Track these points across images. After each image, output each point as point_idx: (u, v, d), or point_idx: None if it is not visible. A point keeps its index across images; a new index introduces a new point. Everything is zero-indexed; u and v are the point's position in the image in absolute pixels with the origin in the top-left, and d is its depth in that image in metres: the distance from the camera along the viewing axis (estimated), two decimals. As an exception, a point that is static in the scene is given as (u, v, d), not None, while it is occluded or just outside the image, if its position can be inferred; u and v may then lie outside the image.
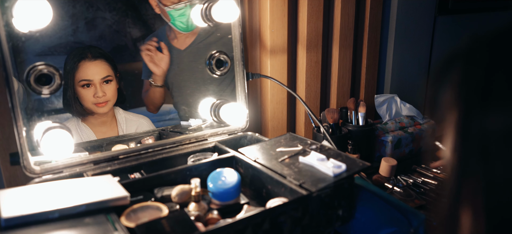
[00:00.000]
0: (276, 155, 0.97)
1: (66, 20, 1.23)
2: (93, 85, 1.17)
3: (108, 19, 1.30)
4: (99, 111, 1.20)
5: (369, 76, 1.75)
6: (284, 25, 1.44)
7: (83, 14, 1.25)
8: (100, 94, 1.17)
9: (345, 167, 0.86)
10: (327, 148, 0.98)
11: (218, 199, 0.89)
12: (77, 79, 1.16)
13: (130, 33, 1.34)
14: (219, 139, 1.17)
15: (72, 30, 1.24)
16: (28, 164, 0.90)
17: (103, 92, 1.18)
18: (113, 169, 0.98)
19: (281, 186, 0.86)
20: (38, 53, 1.20)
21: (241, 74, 1.23)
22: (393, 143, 1.50)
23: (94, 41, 1.26)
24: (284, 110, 1.54)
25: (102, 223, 0.71)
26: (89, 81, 1.17)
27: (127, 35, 1.34)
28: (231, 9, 1.17)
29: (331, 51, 1.63)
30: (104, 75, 1.19)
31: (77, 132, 1.21)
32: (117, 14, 1.30)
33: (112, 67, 1.22)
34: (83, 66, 1.17)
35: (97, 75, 1.18)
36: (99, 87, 1.18)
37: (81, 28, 1.25)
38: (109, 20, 1.30)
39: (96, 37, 1.28)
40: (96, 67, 1.19)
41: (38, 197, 0.75)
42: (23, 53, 1.19)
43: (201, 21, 1.22)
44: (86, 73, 1.17)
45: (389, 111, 1.65)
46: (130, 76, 1.34)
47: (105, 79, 1.19)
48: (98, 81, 1.18)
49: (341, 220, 0.89)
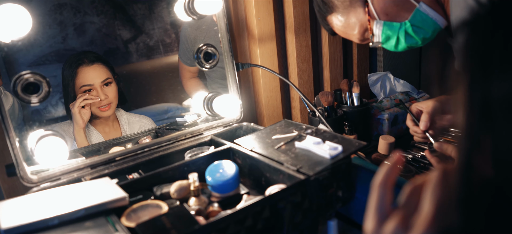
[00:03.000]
0: (272, 143, 0.97)
1: (54, 27, 1.22)
2: (94, 89, 1.17)
3: (97, 22, 1.29)
4: (103, 115, 1.21)
5: (361, 55, 1.75)
6: (270, 12, 1.43)
7: (71, 20, 1.24)
8: (102, 97, 1.17)
9: (341, 148, 0.86)
10: (322, 131, 0.98)
11: (218, 191, 0.89)
12: (78, 86, 1.16)
13: (121, 35, 1.33)
14: (214, 132, 1.17)
15: (61, 38, 1.23)
16: (25, 174, 0.90)
17: (105, 94, 1.18)
18: (111, 171, 0.98)
19: (279, 173, 0.86)
20: (30, 64, 1.19)
21: (231, 65, 1.23)
22: (389, 120, 1.50)
23: (85, 47, 1.25)
24: (278, 97, 1.54)
25: (102, 225, 0.71)
26: (90, 86, 1.17)
27: (117, 37, 1.33)
28: (214, 0, 1.16)
29: (321, 34, 1.63)
30: (104, 78, 1.19)
31: (87, 134, 1.20)
32: (105, 17, 1.29)
33: (110, 70, 1.22)
34: (82, 72, 1.17)
35: (97, 79, 1.18)
36: (101, 91, 1.18)
37: (71, 35, 1.24)
38: (98, 24, 1.29)
39: (87, 42, 1.27)
40: (95, 71, 1.19)
41: (37, 206, 0.75)
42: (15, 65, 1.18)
43: (185, 16, 1.21)
44: (85, 78, 1.17)
45: (383, 89, 1.65)
46: (126, 78, 1.33)
47: (105, 82, 1.19)
48: (98, 85, 1.18)
49: (342, 201, 0.89)
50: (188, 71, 1.39)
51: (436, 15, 1.01)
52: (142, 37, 1.34)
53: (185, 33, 1.36)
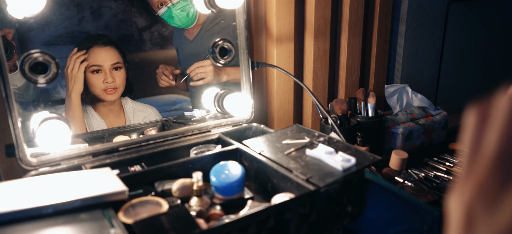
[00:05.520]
0: (282, 148, 0.93)
1: (71, 9, 1.22)
2: (103, 71, 1.16)
3: (114, 8, 1.29)
4: (108, 98, 1.19)
5: (379, 65, 1.69)
6: (291, 12, 1.38)
7: (88, 3, 1.25)
8: (110, 80, 1.16)
9: (354, 161, 0.82)
10: (335, 140, 0.94)
11: (221, 193, 0.85)
12: (87, 65, 1.15)
13: (136, 22, 1.32)
14: (223, 131, 1.13)
15: (77, 20, 1.24)
16: (24, 156, 0.87)
17: (112, 78, 1.17)
18: (113, 161, 0.95)
19: (287, 181, 0.82)
20: (44, 43, 1.19)
21: (246, 63, 1.19)
22: (403, 135, 1.45)
23: (99, 31, 1.26)
24: (291, 100, 1.49)
25: (98, 219, 0.67)
26: (99, 67, 1.16)
27: (133, 24, 1.33)
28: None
29: (340, 40, 1.58)
30: (114, 61, 1.19)
31: (89, 119, 1.19)
32: (122, 3, 1.29)
33: (121, 55, 1.22)
34: (94, 52, 1.16)
35: (107, 61, 1.17)
36: (109, 73, 1.17)
37: (87, 17, 1.25)
38: (115, 10, 1.29)
39: (102, 27, 1.27)
40: (107, 53, 1.18)
41: (32, 191, 0.72)
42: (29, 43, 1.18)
43: (204, 8, 1.17)
44: (96, 58, 1.16)
45: (399, 101, 1.59)
46: (136, 66, 1.32)
47: (115, 66, 1.19)
48: (108, 67, 1.17)
49: (350, 216, 0.85)
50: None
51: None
52: (157, 26, 1.34)
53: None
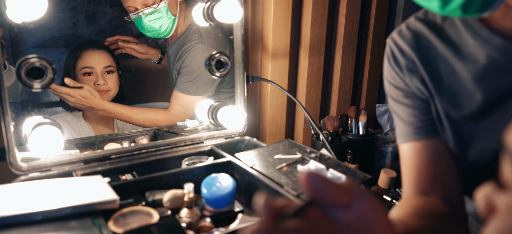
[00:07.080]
0: (274, 162, 0.94)
1: (66, 12, 1.21)
2: (95, 73, 1.16)
3: (109, 13, 1.28)
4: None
5: (371, 84, 1.72)
6: (287, 28, 1.40)
7: (84, 7, 1.24)
8: (101, 82, 1.15)
9: (345, 178, 0.83)
10: (326, 157, 0.95)
11: (212, 205, 0.85)
12: (79, 68, 1.14)
13: (131, 29, 1.32)
14: (215, 143, 1.13)
15: (72, 23, 1.23)
16: (15, 160, 0.86)
17: (104, 80, 1.16)
18: (104, 169, 0.95)
19: (278, 196, 0.82)
20: (36, 45, 1.18)
21: (241, 76, 1.20)
22: (393, 154, 1.47)
23: (94, 35, 1.25)
24: (283, 115, 1.51)
25: (88, 227, 0.67)
26: (91, 69, 1.15)
27: (128, 30, 1.32)
28: (234, 9, 1.13)
29: (334, 57, 1.60)
30: (107, 64, 1.18)
31: (76, 126, 1.18)
32: (118, 9, 1.29)
33: (114, 60, 1.21)
34: (86, 54, 1.16)
35: (100, 64, 1.17)
36: (101, 76, 1.16)
37: (82, 22, 1.24)
38: (110, 15, 1.28)
39: (97, 32, 1.26)
40: (99, 56, 1.18)
41: (21, 197, 0.72)
42: (21, 44, 1.17)
43: (202, 20, 1.19)
44: (88, 60, 1.16)
45: (390, 121, 1.61)
46: (130, 71, 1.32)
47: (107, 69, 1.18)
48: (100, 70, 1.17)
49: (339, 233, 0.85)
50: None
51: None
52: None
53: (198, 58, 1.27)
